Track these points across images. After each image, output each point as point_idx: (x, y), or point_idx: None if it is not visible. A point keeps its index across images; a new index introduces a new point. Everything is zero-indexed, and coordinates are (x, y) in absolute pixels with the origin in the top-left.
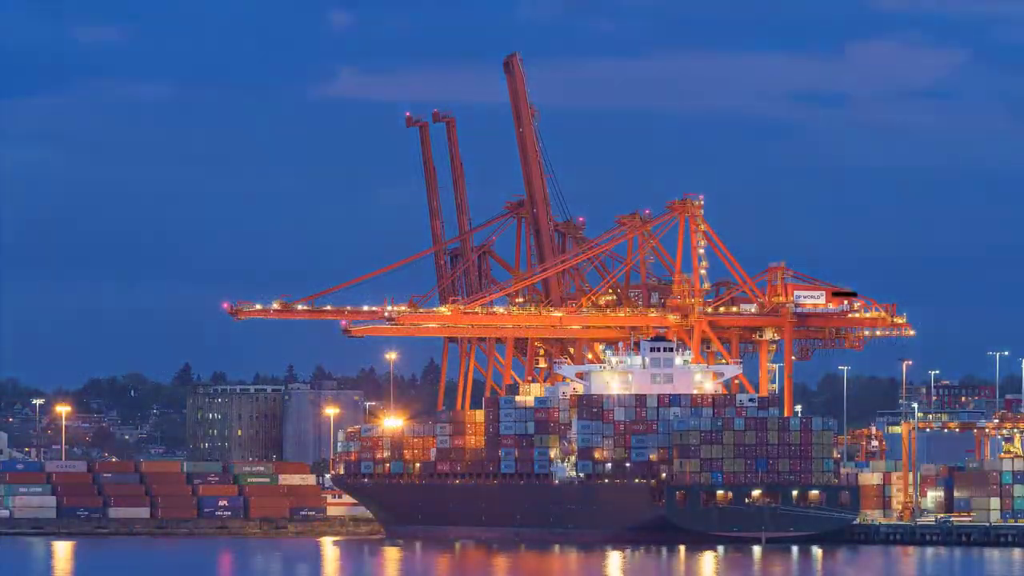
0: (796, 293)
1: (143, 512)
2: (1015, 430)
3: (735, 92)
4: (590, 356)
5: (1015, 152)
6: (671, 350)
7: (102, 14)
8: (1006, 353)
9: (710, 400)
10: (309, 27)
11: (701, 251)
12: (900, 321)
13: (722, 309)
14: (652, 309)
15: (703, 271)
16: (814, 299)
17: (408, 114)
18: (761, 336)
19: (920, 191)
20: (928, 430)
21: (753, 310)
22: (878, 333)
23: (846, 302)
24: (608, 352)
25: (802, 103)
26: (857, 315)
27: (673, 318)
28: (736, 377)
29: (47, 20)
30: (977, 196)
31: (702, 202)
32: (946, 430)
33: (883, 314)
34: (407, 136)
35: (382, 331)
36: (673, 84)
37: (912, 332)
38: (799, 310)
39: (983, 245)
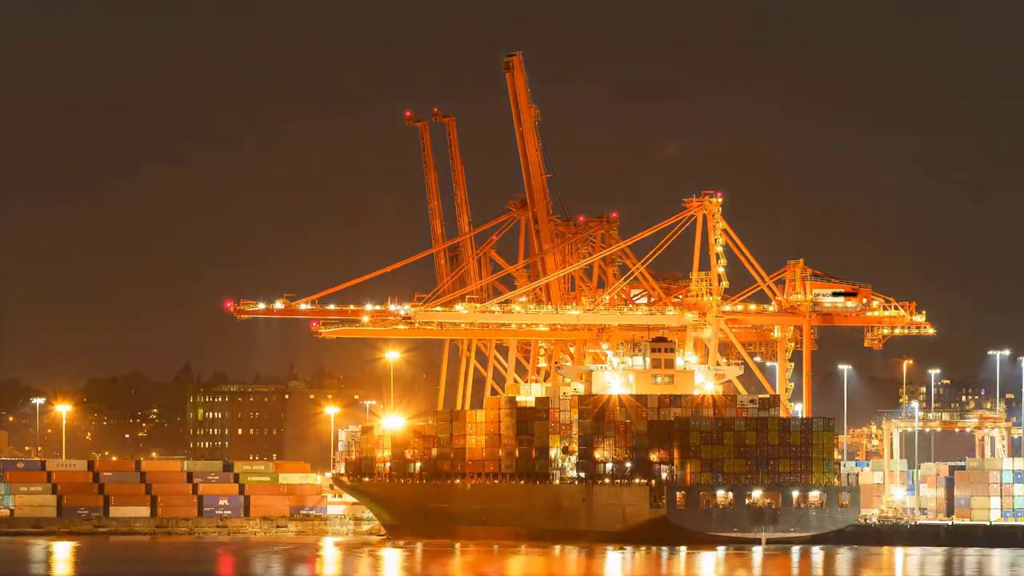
0: (815, 291)
1: (143, 511)
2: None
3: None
4: (592, 356)
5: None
6: (672, 351)
7: None
8: (1006, 353)
9: (711, 401)
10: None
11: (719, 249)
12: (919, 320)
13: (740, 307)
14: (669, 307)
15: (721, 269)
16: (832, 297)
17: (408, 114)
18: (778, 334)
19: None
20: (927, 429)
21: (771, 308)
22: (897, 332)
23: (865, 299)
24: (609, 352)
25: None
26: (876, 313)
27: (690, 316)
28: (740, 378)
29: None
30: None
31: (720, 200)
32: (927, 429)
33: (902, 312)
34: (407, 136)
35: (352, 332)
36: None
37: (932, 331)
38: (818, 308)
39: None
